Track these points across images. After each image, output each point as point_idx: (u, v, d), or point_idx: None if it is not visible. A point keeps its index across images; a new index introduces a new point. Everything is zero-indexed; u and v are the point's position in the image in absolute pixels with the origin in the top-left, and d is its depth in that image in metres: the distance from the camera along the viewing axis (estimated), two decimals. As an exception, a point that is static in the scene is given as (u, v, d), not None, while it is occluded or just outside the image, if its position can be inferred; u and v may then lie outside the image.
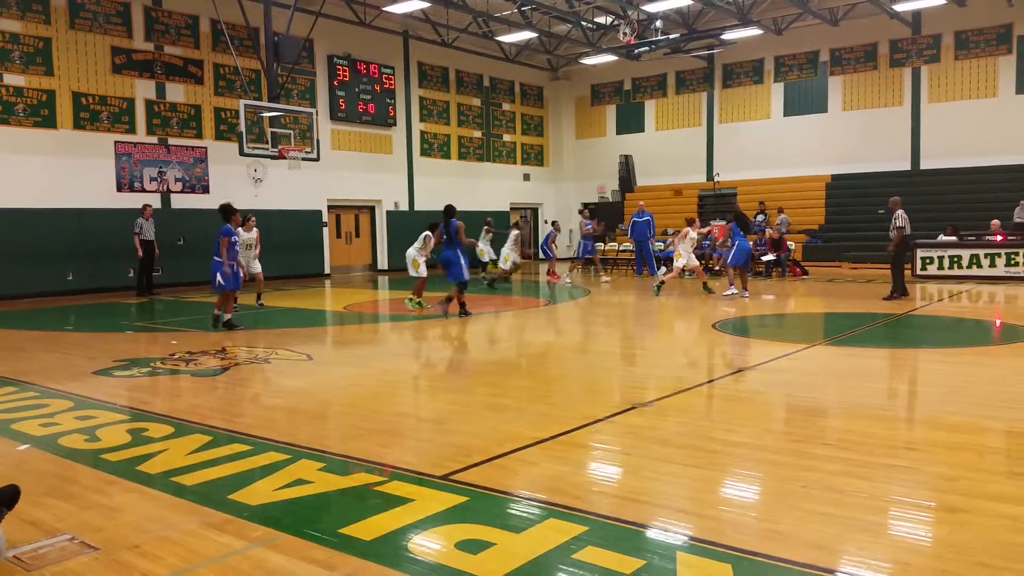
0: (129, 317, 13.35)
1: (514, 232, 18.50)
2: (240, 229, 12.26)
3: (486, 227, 19.38)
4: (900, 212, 13.60)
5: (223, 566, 3.22)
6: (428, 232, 13.05)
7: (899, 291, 13.66)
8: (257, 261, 13.49)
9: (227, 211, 10.80)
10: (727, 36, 22.72)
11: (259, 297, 13.76)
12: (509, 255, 18.10)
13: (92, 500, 4.04)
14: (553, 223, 21.02)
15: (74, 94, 16.80)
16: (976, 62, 21.72)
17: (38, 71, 16.24)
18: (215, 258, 10.64)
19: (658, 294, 14.73)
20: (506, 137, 28.24)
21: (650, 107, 27.87)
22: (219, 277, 10.55)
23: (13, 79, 15.89)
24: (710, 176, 26.04)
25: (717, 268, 20.18)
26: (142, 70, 17.94)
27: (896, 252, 13.71)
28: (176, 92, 18.60)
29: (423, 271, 13.03)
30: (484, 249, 18.89)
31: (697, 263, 15.59)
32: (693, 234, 15.03)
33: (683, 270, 15.44)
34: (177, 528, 3.63)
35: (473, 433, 5.26)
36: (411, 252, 13.13)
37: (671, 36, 22.20)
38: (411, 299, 12.87)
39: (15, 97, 15.93)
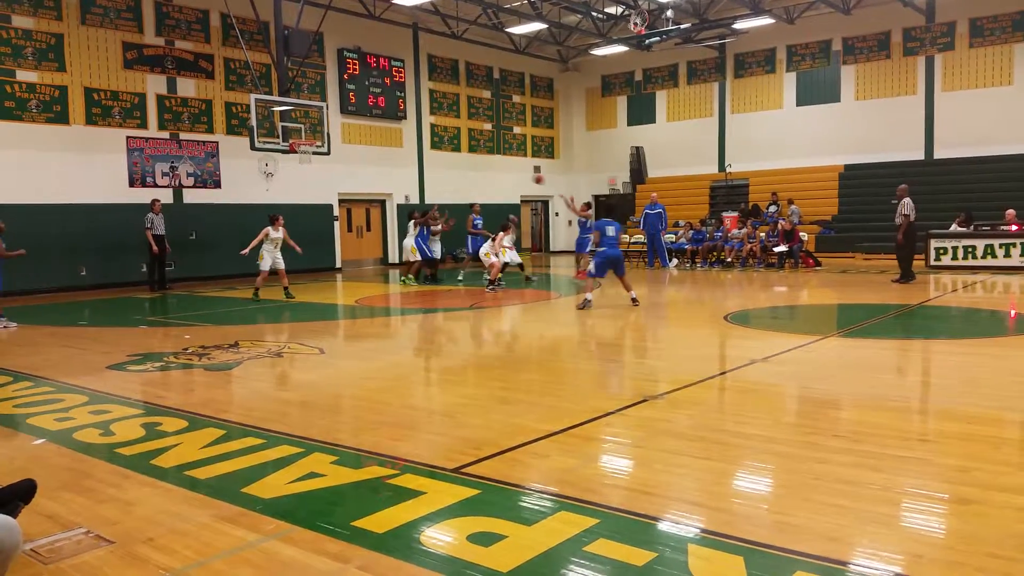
0: (142, 312, 13.44)
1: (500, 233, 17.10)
2: (270, 228, 14.43)
3: (413, 221, 17.37)
4: (907, 200, 13.55)
5: (237, 559, 3.25)
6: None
7: (906, 276, 13.73)
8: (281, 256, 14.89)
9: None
10: (738, 25, 22.59)
11: (287, 290, 14.83)
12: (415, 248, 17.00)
13: (107, 494, 4.08)
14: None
15: (86, 90, 16.88)
16: (991, 49, 21.47)
17: (50, 67, 16.33)
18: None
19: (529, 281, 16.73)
20: (516, 129, 28.17)
21: (661, 98, 27.71)
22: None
23: (26, 75, 15.98)
24: (722, 167, 25.90)
25: (728, 260, 20.15)
26: (153, 65, 18.01)
27: (904, 239, 13.70)
28: (187, 87, 18.66)
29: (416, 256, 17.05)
30: (413, 245, 17.08)
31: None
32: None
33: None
34: (191, 521, 3.66)
35: (484, 426, 5.27)
36: (408, 241, 17.05)
37: (682, 26, 22.08)
38: (408, 278, 17.03)
39: (28, 93, 16.03)
